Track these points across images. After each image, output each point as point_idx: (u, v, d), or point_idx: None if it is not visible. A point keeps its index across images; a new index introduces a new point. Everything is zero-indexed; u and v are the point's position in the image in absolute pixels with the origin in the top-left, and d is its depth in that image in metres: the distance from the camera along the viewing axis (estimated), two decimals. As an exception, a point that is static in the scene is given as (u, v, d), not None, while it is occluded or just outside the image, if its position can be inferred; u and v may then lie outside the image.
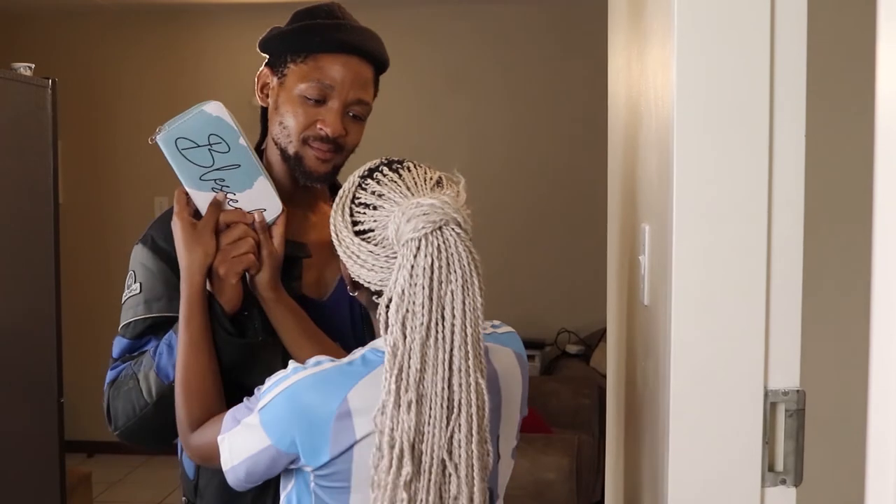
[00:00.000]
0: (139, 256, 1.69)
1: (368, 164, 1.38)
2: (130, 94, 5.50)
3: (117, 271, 1.91)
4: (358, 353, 1.36)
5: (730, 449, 1.31)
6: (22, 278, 3.56)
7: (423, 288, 1.20)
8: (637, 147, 1.77)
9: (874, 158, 0.71)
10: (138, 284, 1.67)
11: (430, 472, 1.20)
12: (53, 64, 4.51)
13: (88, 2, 5.20)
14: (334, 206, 1.38)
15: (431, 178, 1.33)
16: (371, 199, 1.31)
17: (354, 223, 1.32)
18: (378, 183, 1.32)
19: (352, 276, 1.35)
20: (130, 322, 1.66)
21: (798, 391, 1.30)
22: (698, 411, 1.31)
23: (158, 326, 1.63)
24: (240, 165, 1.59)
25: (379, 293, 1.30)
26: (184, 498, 1.77)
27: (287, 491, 1.40)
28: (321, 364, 1.33)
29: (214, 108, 1.59)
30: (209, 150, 1.59)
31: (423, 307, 1.19)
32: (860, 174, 0.95)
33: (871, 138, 0.71)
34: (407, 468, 1.19)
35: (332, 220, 1.37)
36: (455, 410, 1.21)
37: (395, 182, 1.31)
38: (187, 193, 1.60)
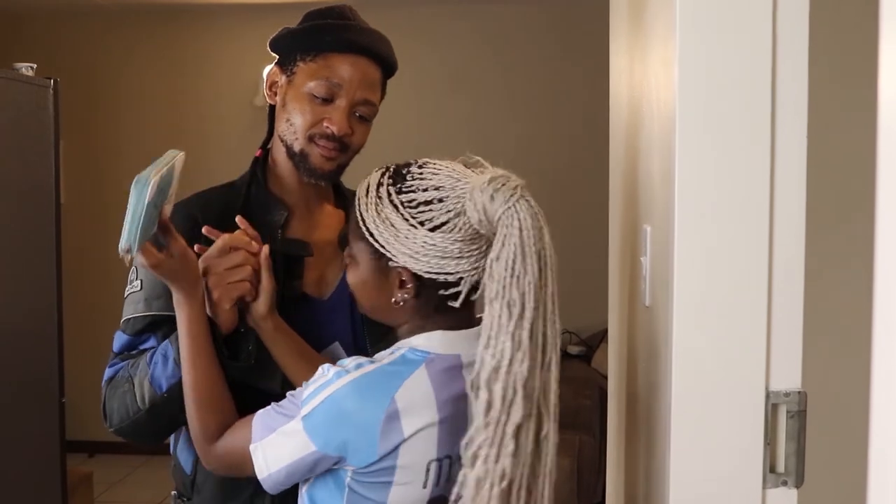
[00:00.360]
0: None
1: (377, 175, 1.38)
2: (132, 94, 5.50)
3: (118, 271, 1.91)
4: (396, 352, 1.37)
5: (731, 450, 1.31)
6: (23, 278, 3.56)
7: (531, 248, 1.26)
8: (638, 148, 1.77)
9: (876, 159, 0.71)
10: (139, 281, 1.67)
11: (531, 417, 1.26)
12: (55, 64, 4.51)
13: (90, 2, 5.20)
14: (372, 223, 1.35)
15: (457, 164, 1.38)
16: (430, 195, 1.33)
17: (422, 223, 1.32)
18: (422, 180, 1.34)
19: (427, 276, 1.34)
20: (130, 318, 1.67)
21: (799, 392, 1.30)
22: (699, 412, 1.31)
23: (157, 324, 1.64)
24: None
25: (454, 284, 1.33)
26: (174, 493, 1.77)
27: (309, 485, 1.40)
28: (362, 367, 1.34)
29: (181, 160, 1.55)
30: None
31: (533, 266, 1.25)
32: (862, 175, 0.95)
33: (874, 139, 0.71)
34: (517, 415, 1.24)
35: (381, 234, 1.34)
36: (548, 356, 1.28)
37: (437, 174, 1.35)
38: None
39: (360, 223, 1.37)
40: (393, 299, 1.38)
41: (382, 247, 1.35)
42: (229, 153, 1.80)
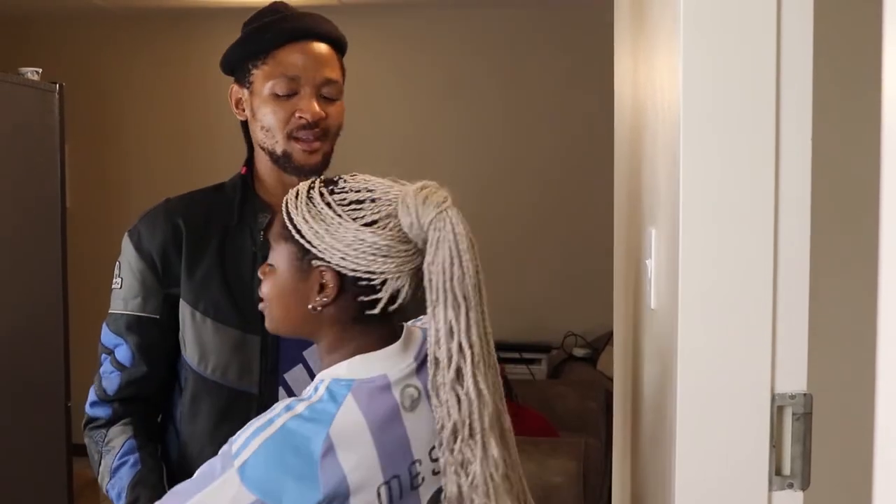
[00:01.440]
0: (125, 251, 1.74)
1: (311, 181, 1.38)
2: (137, 98, 5.51)
3: (124, 275, 1.94)
4: (320, 386, 1.34)
5: (737, 452, 1.31)
6: (29, 282, 3.57)
7: (467, 251, 1.28)
8: (643, 151, 1.77)
9: (881, 161, 0.71)
10: (120, 279, 1.74)
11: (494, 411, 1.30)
12: (61, 68, 4.52)
13: (95, 6, 5.21)
14: (301, 219, 1.34)
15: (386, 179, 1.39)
16: (363, 195, 1.33)
17: (355, 219, 1.31)
18: (357, 183, 1.35)
19: (351, 274, 1.31)
20: (112, 314, 1.74)
21: (805, 395, 1.29)
22: (705, 415, 1.31)
23: (131, 324, 1.71)
24: None
25: (373, 289, 1.31)
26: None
27: None
28: (291, 409, 1.31)
29: None
30: None
31: (470, 269, 1.28)
32: (867, 177, 0.95)
33: (878, 141, 0.71)
34: (489, 408, 1.28)
35: (311, 229, 1.32)
36: (493, 357, 1.32)
37: (370, 181, 1.36)
38: None
39: (287, 223, 1.35)
40: (310, 305, 1.34)
41: (310, 242, 1.32)
42: (234, 156, 1.80)
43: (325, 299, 1.33)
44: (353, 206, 1.31)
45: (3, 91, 3.42)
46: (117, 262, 1.75)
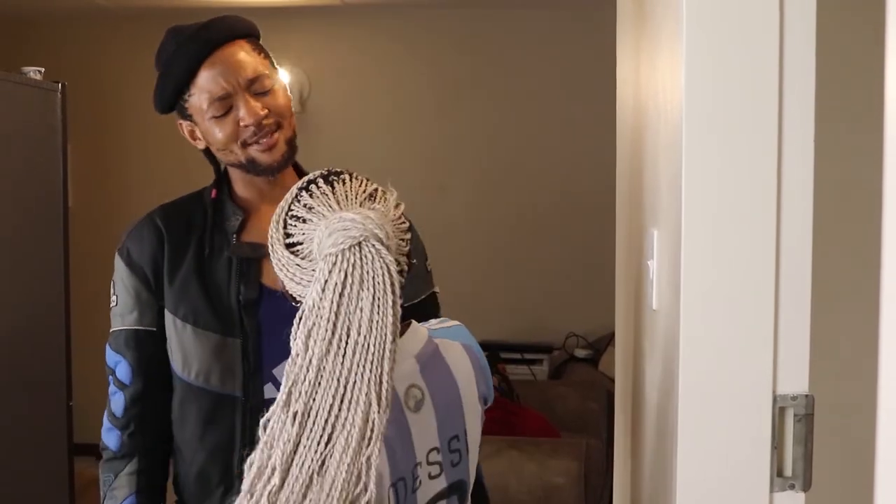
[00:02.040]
0: (118, 269, 1.76)
1: (310, 175, 1.35)
2: (140, 97, 5.47)
3: (126, 275, 1.94)
4: None
5: (738, 454, 1.30)
6: (31, 281, 3.57)
7: (332, 303, 1.16)
8: (645, 151, 1.77)
9: (883, 163, 0.71)
10: (116, 297, 1.76)
11: (298, 485, 1.12)
12: (63, 68, 4.52)
13: (98, 6, 5.21)
14: (272, 222, 1.33)
15: (364, 192, 1.30)
16: (302, 212, 1.28)
17: (287, 235, 1.28)
18: (311, 196, 1.29)
19: (284, 289, 1.31)
20: (112, 332, 1.76)
21: (807, 396, 1.29)
22: (706, 416, 1.31)
23: (129, 339, 1.72)
24: None
25: None
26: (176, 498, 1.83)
27: None
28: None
29: None
30: None
31: (327, 321, 1.16)
32: (869, 178, 0.95)
33: (881, 142, 0.71)
34: (275, 480, 1.11)
35: (269, 230, 1.32)
36: (338, 429, 1.14)
37: (327, 195, 1.28)
38: None
39: None
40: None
41: (271, 247, 1.32)
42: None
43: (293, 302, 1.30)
44: (292, 221, 1.29)
45: (6, 90, 3.42)
46: (112, 282, 1.76)
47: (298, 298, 1.27)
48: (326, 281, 1.17)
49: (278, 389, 1.57)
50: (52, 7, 5.28)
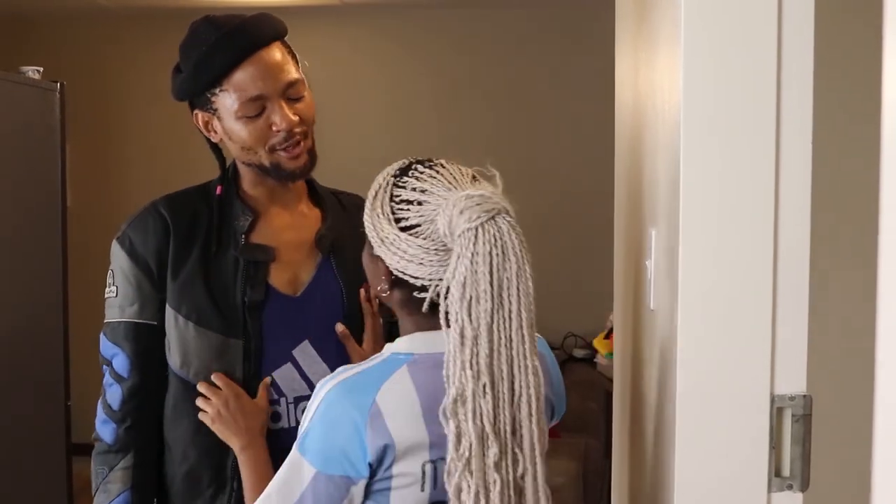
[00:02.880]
0: (117, 258, 1.73)
1: (398, 164, 1.39)
2: (138, 97, 5.51)
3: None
4: (378, 357, 1.38)
5: (736, 454, 1.31)
6: (30, 281, 3.57)
7: (485, 275, 1.22)
8: (644, 151, 1.77)
9: (881, 163, 0.71)
10: (115, 287, 1.72)
11: (507, 454, 1.23)
12: (62, 68, 4.52)
13: (97, 5, 5.21)
14: (368, 207, 1.38)
15: (467, 173, 1.36)
16: (414, 196, 1.32)
17: (398, 220, 1.32)
18: (417, 179, 1.33)
19: (395, 273, 1.34)
20: (109, 323, 1.73)
21: (805, 396, 1.29)
22: (704, 416, 1.31)
23: (129, 332, 1.70)
24: None
25: (423, 288, 1.32)
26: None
27: None
28: (342, 373, 1.35)
29: None
30: None
31: (486, 293, 1.22)
32: (867, 179, 0.95)
33: (879, 143, 0.71)
34: (493, 449, 1.22)
35: (368, 220, 1.37)
36: (517, 392, 1.24)
37: (435, 178, 1.33)
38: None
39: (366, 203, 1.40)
40: (378, 287, 1.39)
41: (369, 233, 1.37)
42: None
43: (385, 286, 1.37)
44: (401, 206, 1.33)
45: (5, 90, 3.42)
46: (110, 271, 1.73)
47: (413, 279, 1.32)
48: (473, 254, 1.22)
49: (297, 369, 1.68)
50: (52, 6, 5.28)
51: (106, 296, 1.73)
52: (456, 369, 1.22)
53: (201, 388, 1.66)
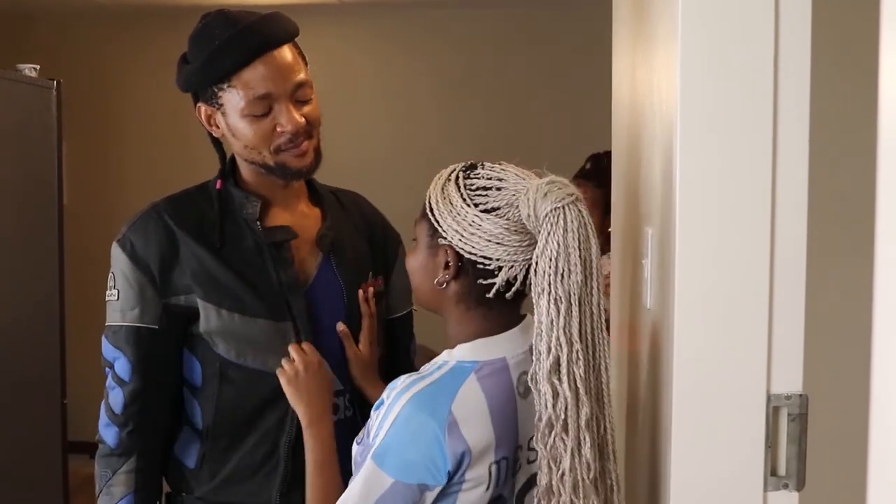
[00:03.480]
0: (118, 261, 1.71)
1: (458, 165, 1.45)
2: (135, 95, 5.50)
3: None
4: (444, 365, 1.41)
5: (732, 453, 1.31)
6: (26, 279, 3.57)
7: (576, 249, 1.30)
8: (641, 150, 1.77)
9: (877, 162, 0.71)
10: (117, 291, 1.71)
11: (593, 416, 1.33)
12: (58, 65, 4.52)
13: (94, 4, 5.20)
14: (437, 198, 1.41)
15: (528, 171, 1.43)
16: (491, 183, 1.39)
17: (476, 204, 1.38)
18: (490, 170, 1.41)
19: (467, 256, 1.38)
20: (110, 326, 1.72)
21: (801, 395, 1.29)
22: (700, 415, 1.31)
23: (130, 336, 1.69)
24: None
25: (489, 274, 1.37)
26: (169, 490, 1.81)
27: None
28: (415, 385, 1.37)
29: None
30: None
31: (576, 266, 1.30)
32: (864, 178, 0.95)
33: (875, 142, 0.71)
34: (585, 409, 1.31)
35: (438, 209, 1.41)
36: (598, 360, 1.35)
37: (506, 170, 1.41)
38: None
39: (427, 200, 1.44)
40: (436, 280, 1.42)
41: (437, 220, 1.40)
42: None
43: (446, 276, 1.41)
44: (479, 192, 1.38)
45: (1, 87, 3.42)
46: (111, 274, 1.72)
47: (490, 261, 1.37)
48: (565, 230, 1.30)
49: (330, 364, 1.70)
50: (50, 4, 5.27)
51: (107, 298, 1.72)
52: (551, 337, 1.30)
53: (291, 349, 1.66)
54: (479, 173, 1.41)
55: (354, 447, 1.43)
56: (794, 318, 1.29)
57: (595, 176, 2.36)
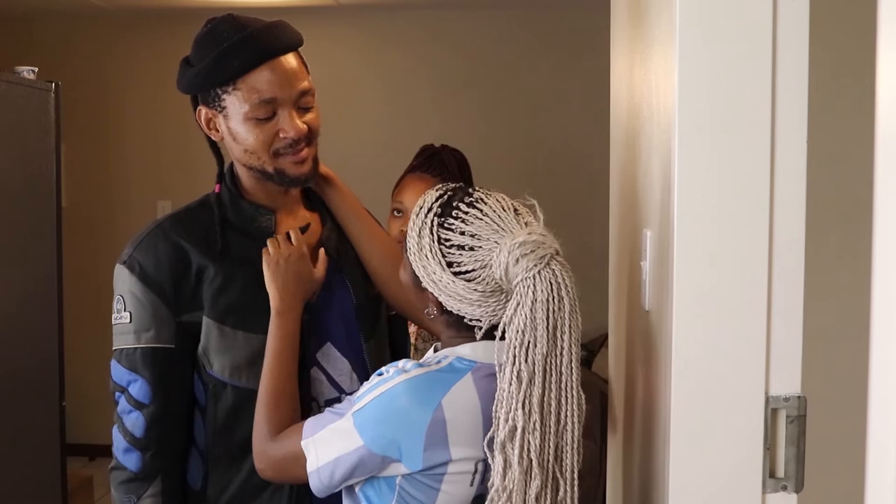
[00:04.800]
0: (127, 283, 1.69)
1: (433, 197, 1.44)
2: (133, 98, 5.50)
3: (119, 275, 1.93)
4: (443, 360, 1.44)
5: (731, 455, 1.31)
6: (24, 281, 3.56)
7: (543, 321, 1.31)
8: (639, 152, 1.77)
9: (875, 164, 0.71)
10: (128, 314, 1.68)
11: (548, 482, 1.32)
12: (57, 68, 4.52)
13: (92, 6, 5.21)
14: (413, 247, 1.42)
15: (510, 208, 1.42)
16: (464, 241, 1.38)
17: (450, 264, 1.39)
18: (464, 222, 1.39)
19: (450, 308, 1.41)
20: (123, 349, 1.69)
21: (799, 397, 1.29)
22: (699, 417, 1.31)
23: (146, 358, 1.67)
24: None
25: (468, 324, 1.40)
26: None
27: (361, 484, 1.46)
28: (414, 370, 1.40)
29: None
30: None
31: (542, 337, 1.31)
32: (862, 180, 0.95)
33: (873, 144, 0.72)
34: (536, 481, 1.31)
35: (415, 260, 1.42)
36: (563, 422, 1.34)
37: (481, 219, 1.39)
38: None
39: (406, 241, 1.45)
40: (425, 310, 1.46)
41: (417, 270, 1.42)
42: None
43: (433, 312, 1.44)
44: (452, 251, 1.39)
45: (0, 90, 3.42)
46: (118, 297, 1.70)
47: (465, 316, 1.40)
48: (533, 302, 1.30)
49: (323, 373, 1.73)
50: (47, 6, 5.27)
51: (116, 322, 1.70)
52: (510, 408, 1.31)
53: (279, 238, 1.68)
54: (453, 224, 1.40)
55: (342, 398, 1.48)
56: (792, 319, 1.29)
57: (434, 166, 2.30)
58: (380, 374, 1.43)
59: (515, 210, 1.44)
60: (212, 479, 1.72)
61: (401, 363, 1.42)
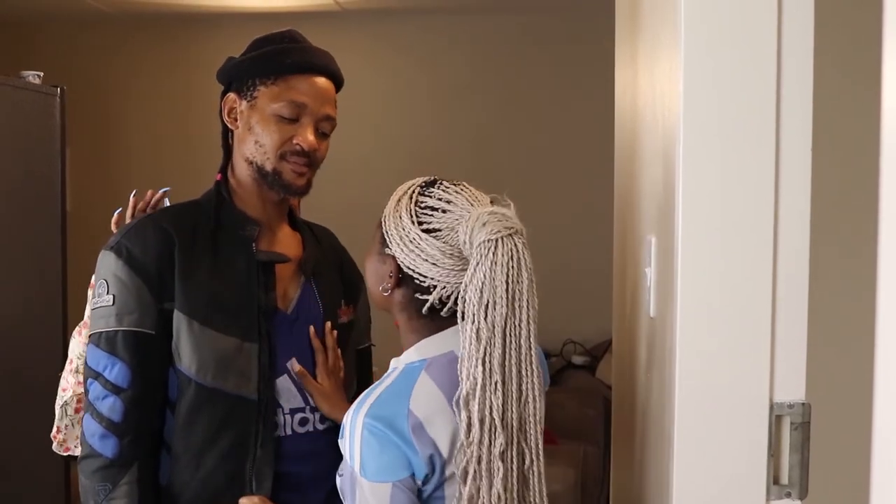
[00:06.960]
0: (112, 266, 1.70)
1: (420, 180, 1.50)
2: (138, 102, 5.51)
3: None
4: (393, 371, 1.47)
5: (735, 461, 1.30)
6: (29, 284, 3.57)
7: (502, 282, 1.33)
8: (643, 158, 1.77)
9: (879, 170, 0.71)
10: (111, 296, 1.69)
11: (513, 445, 1.34)
12: (62, 72, 4.52)
13: (97, 11, 5.22)
14: (390, 209, 1.48)
15: (485, 197, 1.48)
16: (439, 204, 1.44)
17: (420, 223, 1.44)
18: (444, 191, 1.46)
19: (405, 270, 1.44)
20: (102, 332, 1.69)
21: (804, 404, 1.29)
22: (703, 423, 1.31)
23: (128, 341, 1.67)
24: None
25: (426, 290, 1.43)
26: None
27: None
28: (369, 397, 1.42)
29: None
30: None
31: (502, 299, 1.33)
32: (867, 187, 0.95)
33: (878, 150, 0.71)
34: (500, 439, 1.33)
35: (389, 220, 1.47)
36: (524, 393, 1.36)
37: (459, 193, 1.46)
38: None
39: (387, 205, 1.50)
40: (381, 286, 1.49)
41: (386, 231, 1.47)
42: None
43: (388, 285, 1.48)
44: (426, 210, 1.45)
45: (5, 94, 3.43)
46: (101, 281, 1.71)
47: (424, 279, 1.43)
48: (493, 262, 1.34)
49: (292, 381, 1.75)
50: (54, 12, 5.29)
51: (96, 306, 1.70)
52: (471, 365, 1.33)
53: (244, 501, 1.68)
54: (432, 192, 1.46)
55: (338, 479, 1.48)
56: (796, 326, 1.29)
57: None
58: (342, 437, 1.43)
59: (492, 200, 1.48)
60: (176, 475, 1.72)
61: (351, 409, 1.43)
